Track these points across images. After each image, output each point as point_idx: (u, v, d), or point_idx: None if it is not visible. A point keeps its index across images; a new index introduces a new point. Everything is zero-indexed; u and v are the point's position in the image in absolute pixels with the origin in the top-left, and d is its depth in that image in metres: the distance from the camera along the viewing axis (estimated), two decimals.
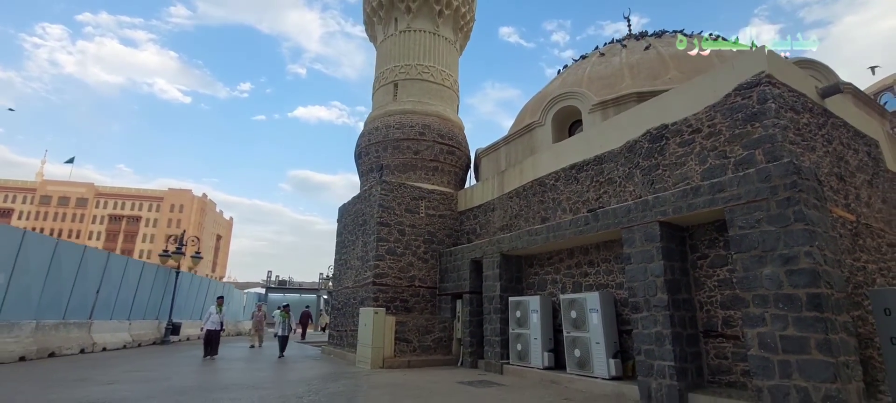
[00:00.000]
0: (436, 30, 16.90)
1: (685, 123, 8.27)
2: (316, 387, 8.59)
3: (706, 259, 7.67)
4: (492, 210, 13.42)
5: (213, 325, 13.41)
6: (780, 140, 6.84)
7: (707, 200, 7.00)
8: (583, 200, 10.22)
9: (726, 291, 7.31)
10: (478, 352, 12.02)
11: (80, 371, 10.22)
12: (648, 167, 8.81)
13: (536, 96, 15.92)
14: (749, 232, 6.37)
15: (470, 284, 12.50)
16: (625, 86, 12.05)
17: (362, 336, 12.13)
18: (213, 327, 13.41)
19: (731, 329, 7.20)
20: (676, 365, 7.01)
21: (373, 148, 15.58)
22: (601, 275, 9.58)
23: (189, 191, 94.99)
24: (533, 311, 10.31)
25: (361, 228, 14.73)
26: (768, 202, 6.22)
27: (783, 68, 7.64)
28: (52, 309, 13.08)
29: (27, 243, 11.93)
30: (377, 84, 17.11)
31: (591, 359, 8.68)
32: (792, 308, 5.76)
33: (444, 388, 8.71)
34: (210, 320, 13.46)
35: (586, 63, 14.77)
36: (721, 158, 7.60)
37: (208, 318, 13.54)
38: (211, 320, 13.46)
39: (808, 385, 5.46)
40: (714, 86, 7.89)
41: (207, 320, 13.55)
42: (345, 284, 15.53)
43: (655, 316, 7.40)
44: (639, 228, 7.90)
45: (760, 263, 6.18)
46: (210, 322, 13.44)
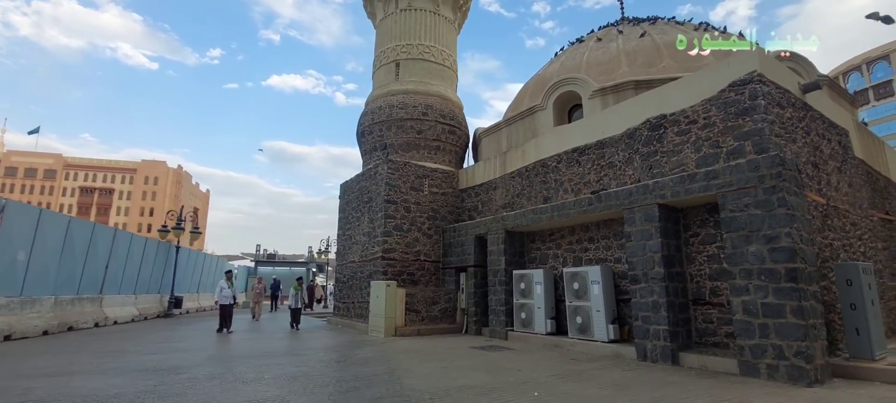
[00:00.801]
0: (436, 9, 17.21)
1: (682, 114, 9.14)
2: (345, 353, 9.40)
3: (697, 236, 8.69)
4: (494, 188, 14.21)
5: (226, 299, 13.27)
6: (767, 133, 7.77)
7: (702, 186, 7.93)
8: (584, 182, 11.10)
9: (714, 265, 8.36)
10: (482, 321, 13.00)
11: (111, 343, 10.76)
12: (647, 153, 9.70)
13: (535, 79, 16.55)
14: (739, 214, 7.34)
15: (474, 258, 13.38)
16: (622, 73, 12.83)
17: (375, 307, 12.94)
18: (227, 301, 13.27)
19: (716, 298, 8.28)
20: (670, 329, 8.07)
21: (376, 127, 16.05)
22: (600, 251, 10.56)
23: (164, 163, 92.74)
24: (537, 283, 11.27)
25: (367, 205, 15.34)
26: (756, 189, 7.18)
27: (772, 67, 8.52)
28: (68, 285, 13.40)
29: (43, 221, 12.16)
30: (378, 62, 17.41)
31: (592, 325, 9.73)
32: (772, 279, 6.80)
33: (460, 352, 9.64)
34: (223, 294, 13.32)
35: (584, 47, 15.45)
36: (714, 148, 8.52)
37: (220, 292, 13.42)
38: (223, 294, 13.31)
39: (782, 344, 6.54)
40: (710, 81, 8.74)
41: (219, 293, 13.43)
42: (350, 259, 16.22)
43: (652, 286, 8.41)
44: (639, 209, 8.83)
45: (747, 242, 7.18)
46: (223, 296, 13.31)
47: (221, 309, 13.29)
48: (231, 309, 13.36)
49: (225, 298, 13.25)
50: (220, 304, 13.40)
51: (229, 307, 13.29)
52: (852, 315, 7.17)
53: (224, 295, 13.26)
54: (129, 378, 6.48)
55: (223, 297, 13.27)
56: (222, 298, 13.29)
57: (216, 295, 13.80)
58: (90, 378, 6.50)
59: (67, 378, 6.41)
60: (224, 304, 13.25)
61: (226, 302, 13.24)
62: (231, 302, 13.38)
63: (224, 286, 13.36)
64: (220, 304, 13.36)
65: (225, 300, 13.24)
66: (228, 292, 13.30)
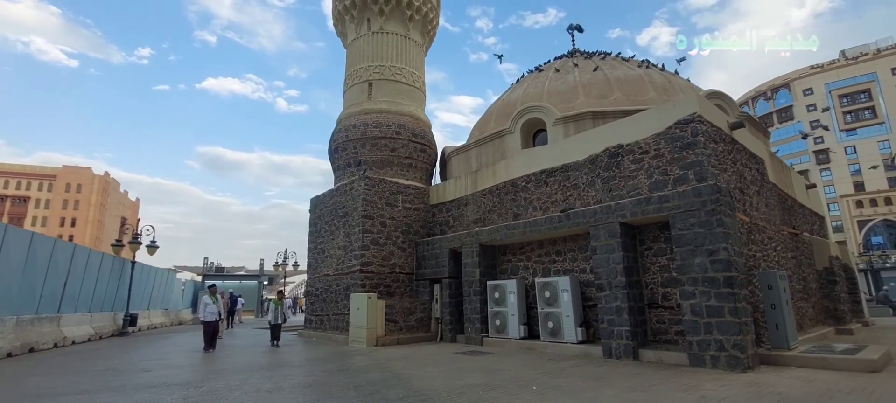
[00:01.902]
0: (406, 33, 18.15)
1: (636, 145, 10.70)
2: (341, 363, 9.97)
3: (651, 250, 10.22)
4: (465, 205, 15.28)
5: (211, 316, 12.57)
6: (705, 164, 9.43)
7: (656, 207, 9.44)
8: (552, 201, 12.44)
9: (665, 274, 9.89)
10: (456, 329, 13.95)
11: (93, 362, 10.58)
12: (608, 177, 11.19)
13: (500, 103, 17.91)
14: (686, 232, 8.87)
15: (449, 270, 14.32)
16: (580, 103, 14.43)
17: (356, 319, 13.48)
18: (212, 318, 12.58)
19: (667, 302, 9.81)
20: (631, 329, 9.46)
21: (351, 144, 16.64)
22: (567, 262, 11.91)
23: (89, 169, 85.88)
24: (510, 293, 12.42)
25: (343, 220, 15.85)
26: (699, 212, 8.74)
27: (709, 109, 10.29)
28: (28, 304, 12.79)
29: (8, 237, 11.63)
30: (350, 81, 18.02)
31: (562, 329, 10.99)
32: (713, 286, 8.34)
33: (447, 357, 10.53)
34: (207, 310, 12.61)
35: (544, 77, 17.02)
36: (664, 175, 10.11)
37: (205, 308, 12.71)
38: (208, 310, 12.60)
39: (722, 338, 8.06)
40: (660, 119, 10.36)
41: (204, 309, 12.75)
42: (323, 272, 16.58)
43: (616, 293, 9.80)
44: (603, 226, 10.23)
45: (693, 255, 8.71)
46: (208, 312, 12.60)
47: (206, 327, 12.58)
48: (216, 325, 12.71)
49: (210, 315, 12.57)
50: (203, 321, 12.69)
51: (214, 324, 12.63)
52: (772, 313, 8.90)
53: (209, 312, 12.58)
54: (152, 394, 6.76)
55: (208, 313, 12.59)
56: (207, 314, 12.61)
57: (200, 311, 13.11)
58: (113, 395, 6.72)
59: (90, 396, 6.59)
60: (209, 321, 12.55)
61: (211, 318, 12.56)
62: (216, 319, 12.71)
63: (208, 301, 12.69)
64: (204, 321, 12.64)
65: (210, 317, 12.57)
66: (213, 308, 12.63)
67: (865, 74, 65.19)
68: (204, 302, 12.89)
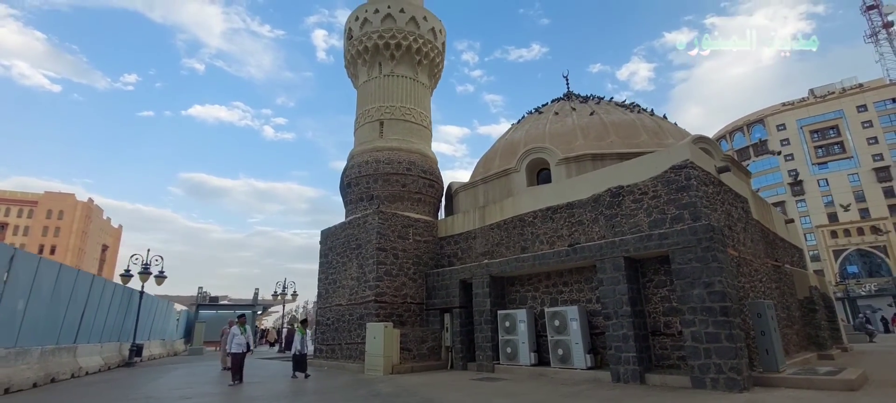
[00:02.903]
0: (415, 76, 19.40)
1: (636, 187, 11.87)
2: (369, 388, 10.61)
3: (652, 282, 11.25)
4: (473, 238, 16.21)
5: (238, 348, 12.13)
6: (699, 205, 10.60)
7: (657, 244, 10.52)
8: (558, 236, 13.47)
9: (666, 304, 10.90)
10: (467, 357, 14.65)
11: (125, 391, 11.00)
12: (610, 215, 12.29)
13: (504, 142, 19.12)
14: (685, 266, 9.94)
15: (460, 300, 15.12)
16: (580, 145, 15.69)
17: (372, 348, 14.10)
18: (239, 349, 12.13)
19: (669, 330, 10.79)
20: (637, 355, 10.37)
21: (364, 179, 17.56)
22: (574, 293, 12.85)
23: (72, 196, 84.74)
24: (520, 321, 13.26)
25: (356, 251, 16.61)
26: (696, 248, 9.84)
27: (699, 155, 11.55)
28: (50, 335, 13.13)
29: (41, 268, 12.12)
30: (361, 120, 19.08)
31: (572, 355, 11.83)
32: (711, 314, 9.36)
33: (466, 383, 11.25)
34: (235, 341, 12.22)
35: (544, 119, 18.35)
36: (661, 214, 11.25)
37: (232, 339, 12.32)
38: (235, 341, 12.20)
39: (721, 362, 9.03)
40: (657, 164, 11.57)
41: (231, 341, 12.36)
42: (335, 302, 17.19)
43: (622, 322, 10.74)
44: (609, 260, 11.25)
45: (691, 286, 9.75)
46: (235, 343, 12.18)
47: (234, 359, 12.15)
48: (244, 357, 12.30)
49: (237, 346, 12.18)
50: (231, 353, 12.28)
51: (242, 356, 12.21)
52: (762, 339, 9.94)
53: (237, 343, 12.20)
54: None
55: (236, 345, 12.20)
56: (234, 346, 12.22)
57: (227, 343, 12.70)
58: None
59: None
60: (237, 353, 12.13)
61: (238, 350, 12.15)
62: (244, 351, 12.27)
63: (237, 332, 12.40)
64: (232, 353, 12.23)
65: (238, 348, 12.17)
66: (242, 339, 12.26)
67: (833, 111, 69.13)
68: (232, 332, 12.69)
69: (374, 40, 18.73)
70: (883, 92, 66.44)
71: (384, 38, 18.63)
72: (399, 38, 18.65)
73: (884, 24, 70.08)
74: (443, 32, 20.63)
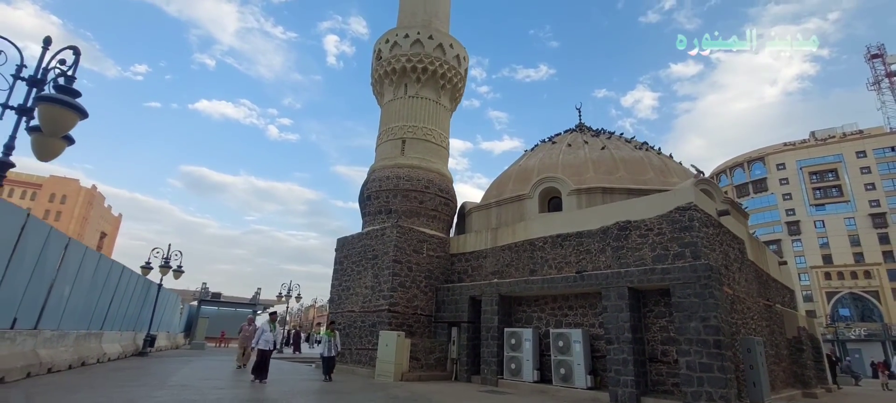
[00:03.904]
0: (438, 99, 20.48)
1: (643, 223, 12.85)
2: (386, 393, 11.45)
3: (652, 312, 12.17)
4: (484, 257, 17.14)
5: (265, 344, 12.11)
6: (699, 245, 11.57)
7: (659, 278, 11.46)
8: (566, 262, 14.41)
9: (664, 334, 11.81)
10: (471, 369, 15.47)
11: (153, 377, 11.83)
12: (617, 247, 13.25)
13: (518, 168, 20.17)
14: (683, 300, 10.87)
15: (468, 315, 15.99)
16: (590, 178, 16.71)
17: (384, 354, 14.93)
18: (266, 346, 12.09)
19: (665, 358, 11.68)
20: (635, 379, 11.25)
21: (383, 194, 18.53)
22: (578, 317, 13.75)
23: (76, 181, 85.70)
24: (526, 340, 14.12)
25: (372, 262, 17.51)
26: (694, 284, 10.78)
27: (702, 198, 12.55)
28: (83, 320, 13.96)
29: (86, 258, 13.01)
30: (384, 136, 20.11)
31: (574, 375, 12.70)
32: (705, 346, 10.27)
33: (475, 394, 12.09)
34: (263, 338, 12.21)
35: (557, 150, 19.41)
36: (665, 250, 12.21)
37: (260, 336, 12.31)
38: (263, 338, 12.20)
39: (712, 390, 9.92)
40: (663, 203, 12.57)
41: (260, 337, 12.34)
42: (348, 308, 18.03)
43: (622, 347, 11.64)
44: (614, 289, 12.18)
45: (689, 319, 10.68)
46: (263, 340, 12.18)
47: (260, 355, 12.08)
48: (270, 354, 12.31)
49: (265, 343, 12.20)
50: (260, 349, 12.17)
51: (269, 353, 12.22)
52: (751, 372, 10.84)
53: (265, 340, 12.24)
54: None
55: (264, 341, 12.21)
56: (263, 342, 12.21)
57: (256, 339, 12.63)
58: None
59: None
60: (264, 349, 12.14)
61: (266, 347, 12.16)
62: (271, 348, 12.32)
63: (266, 328, 12.52)
64: (261, 349, 12.14)
65: (266, 345, 12.18)
66: (270, 336, 12.34)
67: (833, 155, 70.53)
68: (262, 328, 12.76)
69: (402, 63, 19.84)
70: (883, 139, 67.89)
71: (412, 62, 19.75)
72: (426, 62, 19.76)
73: (887, 74, 71.68)
74: (466, 59, 21.77)
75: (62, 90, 5.75)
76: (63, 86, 5.83)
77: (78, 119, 5.51)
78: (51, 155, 5.67)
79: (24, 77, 6.03)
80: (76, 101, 5.58)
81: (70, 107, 5.41)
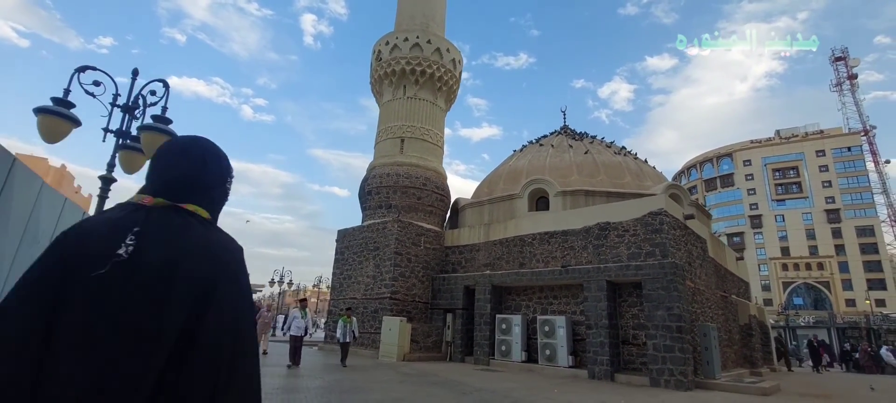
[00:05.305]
0: (434, 100, 21.88)
1: (620, 225, 14.73)
2: (396, 371, 13.08)
3: (626, 302, 14.12)
4: (477, 250, 18.84)
5: (297, 330, 12.33)
6: (668, 246, 13.52)
7: (633, 273, 13.38)
8: (552, 256, 16.24)
9: (635, 320, 13.78)
10: (465, 351, 17.25)
11: None
12: (597, 244, 15.12)
13: (508, 168, 21.85)
14: (653, 292, 12.81)
15: (462, 303, 17.72)
16: (574, 180, 18.53)
17: (387, 337, 16.54)
18: (298, 332, 12.31)
19: (635, 341, 13.67)
20: (610, 359, 13.20)
21: (384, 190, 19.96)
22: (562, 305, 15.63)
23: (45, 161, 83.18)
24: (515, 325, 15.95)
25: (373, 253, 18.99)
26: (662, 279, 12.72)
27: (671, 205, 14.50)
28: None
29: None
30: (383, 135, 21.45)
31: (557, 356, 14.60)
32: (669, 331, 12.24)
33: (474, 371, 13.86)
34: (294, 324, 12.44)
35: (544, 152, 21.16)
36: (638, 249, 14.13)
37: (292, 322, 12.55)
38: (295, 324, 12.41)
39: (673, 368, 11.92)
40: (638, 208, 14.46)
41: (291, 324, 12.59)
42: (350, 295, 19.52)
43: (600, 332, 13.56)
44: (594, 282, 14.06)
45: (657, 308, 12.63)
46: (295, 326, 12.41)
47: (293, 341, 12.34)
48: (302, 340, 12.50)
49: (297, 329, 12.40)
50: (292, 335, 12.43)
51: (300, 339, 12.41)
52: (706, 353, 12.92)
53: (297, 326, 12.43)
54: (306, 395, 9.74)
55: (295, 328, 12.43)
56: (295, 329, 12.43)
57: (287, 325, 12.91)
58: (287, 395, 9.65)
59: None
60: (296, 335, 12.36)
61: (297, 333, 12.37)
62: (302, 334, 12.52)
63: (298, 315, 12.65)
64: (293, 335, 12.40)
65: (297, 331, 12.39)
66: (301, 322, 12.48)
67: (795, 153, 74.90)
68: (293, 315, 13.03)
69: (402, 65, 21.12)
70: (841, 140, 72.43)
71: (411, 65, 21.05)
72: (424, 65, 21.10)
73: (848, 76, 76.00)
74: (461, 62, 23.18)
75: (159, 120, 7.05)
76: (160, 116, 7.12)
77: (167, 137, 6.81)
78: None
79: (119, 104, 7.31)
80: (170, 128, 6.89)
81: (166, 133, 6.71)
